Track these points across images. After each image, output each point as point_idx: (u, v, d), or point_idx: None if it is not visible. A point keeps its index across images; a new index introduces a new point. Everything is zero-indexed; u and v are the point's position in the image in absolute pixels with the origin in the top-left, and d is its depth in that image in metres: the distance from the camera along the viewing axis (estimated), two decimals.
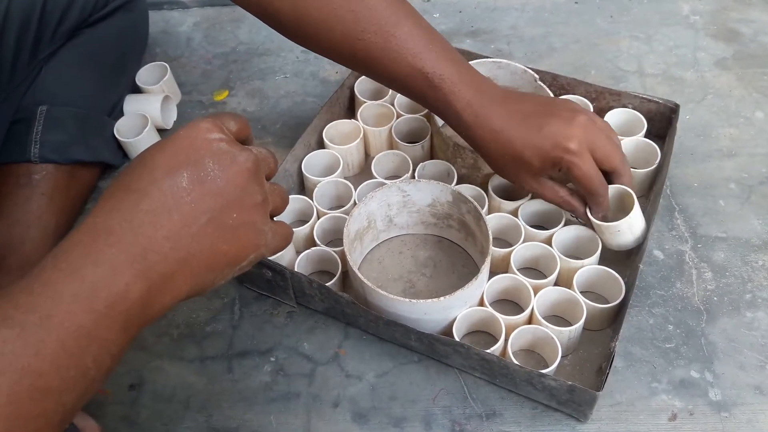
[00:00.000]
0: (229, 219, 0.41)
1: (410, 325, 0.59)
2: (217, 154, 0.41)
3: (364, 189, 0.71)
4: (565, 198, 0.61)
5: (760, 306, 0.65)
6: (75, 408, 0.37)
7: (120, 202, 0.39)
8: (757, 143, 0.78)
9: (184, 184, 0.40)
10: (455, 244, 0.71)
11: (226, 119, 0.44)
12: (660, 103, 0.74)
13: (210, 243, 0.40)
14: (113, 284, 0.37)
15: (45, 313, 0.35)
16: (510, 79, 0.77)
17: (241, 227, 0.42)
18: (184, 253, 0.39)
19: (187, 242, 0.39)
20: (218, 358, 0.65)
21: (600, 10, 0.96)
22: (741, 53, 0.88)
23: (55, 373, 0.35)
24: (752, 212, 0.72)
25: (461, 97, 0.59)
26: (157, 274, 0.38)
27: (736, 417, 0.58)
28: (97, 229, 0.38)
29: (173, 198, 0.39)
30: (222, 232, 0.41)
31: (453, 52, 0.60)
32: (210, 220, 0.40)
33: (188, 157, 0.40)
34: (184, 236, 0.39)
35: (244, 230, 0.42)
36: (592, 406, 0.56)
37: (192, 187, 0.40)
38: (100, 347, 0.37)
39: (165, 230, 0.39)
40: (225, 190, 0.41)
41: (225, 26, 0.99)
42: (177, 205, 0.39)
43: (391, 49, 0.58)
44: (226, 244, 0.41)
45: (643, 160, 0.72)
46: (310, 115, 0.83)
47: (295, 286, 0.65)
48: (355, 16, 0.57)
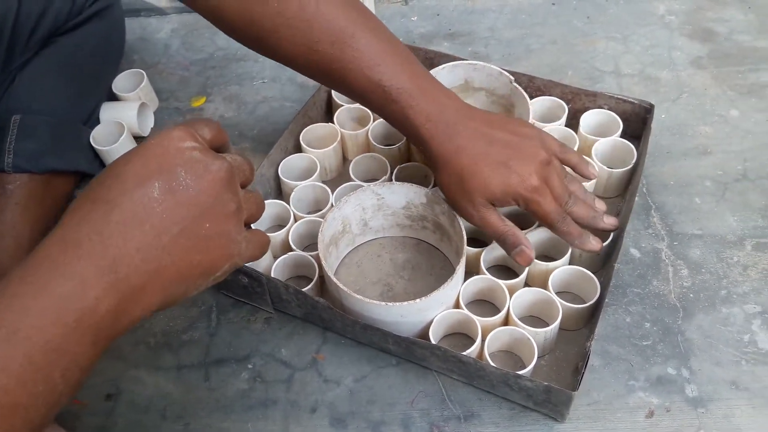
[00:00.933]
0: (201, 229, 0.40)
1: (387, 328, 0.59)
2: (189, 163, 0.40)
3: (340, 192, 0.71)
4: (510, 229, 0.59)
5: (735, 302, 0.65)
6: (43, 423, 0.37)
7: (89, 214, 0.38)
8: (732, 141, 0.78)
9: (155, 194, 0.39)
10: (433, 247, 0.71)
11: (199, 126, 0.43)
12: (635, 103, 0.74)
13: (182, 254, 0.40)
14: (83, 298, 0.36)
15: (12, 328, 0.35)
16: (486, 81, 0.78)
17: (214, 237, 0.41)
18: (156, 265, 0.39)
19: (158, 253, 0.39)
20: (195, 366, 0.65)
21: (576, 12, 0.97)
22: (716, 52, 0.89)
23: (22, 389, 0.35)
24: (727, 209, 0.72)
25: (420, 112, 0.58)
26: (127, 286, 0.38)
27: (712, 412, 0.58)
28: (66, 241, 0.37)
29: (144, 209, 0.38)
30: (194, 243, 0.40)
31: (415, 64, 0.59)
32: (182, 231, 0.39)
33: (160, 167, 0.39)
34: (155, 247, 0.38)
35: (218, 240, 0.41)
36: (568, 406, 0.56)
37: (164, 198, 0.39)
38: (69, 361, 0.36)
39: (136, 242, 0.38)
40: (198, 200, 0.40)
41: (203, 32, 0.99)
42: (148, 215, 0.38)
43: (347, 61, 0.57)
44: (199, 255, 0.40)
45: (620, 160, 0.72)
46: (288, 119, 0.83)
47: (271, 292, 0.64)
48: (309, 26, 0.56)
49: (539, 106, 0.76)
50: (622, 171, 0.70)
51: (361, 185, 0.68)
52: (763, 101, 0.82)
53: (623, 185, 0.72)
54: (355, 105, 0.79)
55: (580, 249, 0.60)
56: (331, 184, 0.73)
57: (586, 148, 0.73)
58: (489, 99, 0.80)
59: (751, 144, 0.78)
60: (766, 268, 0.67)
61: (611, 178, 0.71)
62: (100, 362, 0.65)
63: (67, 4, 0.78)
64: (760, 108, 0.81)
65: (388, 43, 0.59)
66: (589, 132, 0.74)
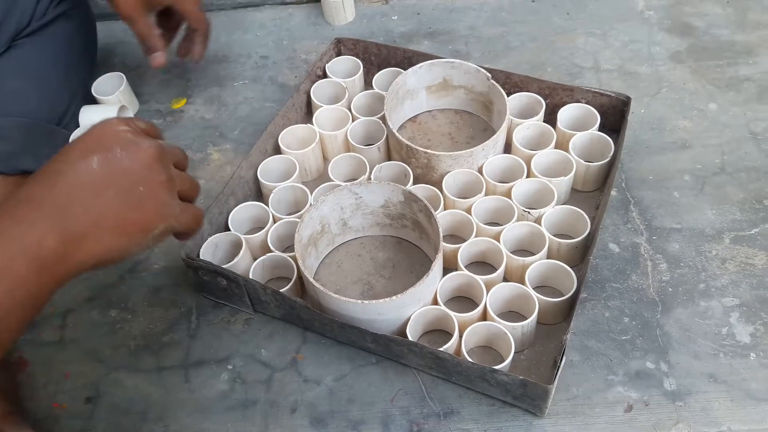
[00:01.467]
0: (135, 191, 0.47)
1: (366, 326, 0.59)
2: (124, 141, 0.48)
3: (319, 193, 0.71)
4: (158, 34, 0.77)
5: (713, 295, 0.65)
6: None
7: (41, 180, 0.46)
8: (711, 135, 0.79)
9: (95, 165, 0.46)
10: (414, 245, 0.71)
11: (135, 120, 0.52)
12: (612, 96, 0.75)
13: (118, 209, 0.46)
14: (29, 235, 0.43)
15: None
16: (464, 78, 0.78)
17: (147, 199, 0.48)
18: (95, 216, 0.45)
19: (98, 209, 0.46)
20: (175, 368, 0.65)
21: (556, 8, 0.97)
22: (694, 46, 0.89)
23: None
24: (706, 203, 0.73)
25: None
26: (69, 231, 0.44)
27: (690, 405, 0.59)
28: (20, 199, 0.44)
29: (86, 175, 0.46)
30: (129, 202, 0.47)
31: None
32: (118, 193, 0.46)
33: (100, 145, 0.47)
34: (95, 205, 0.46)
35: (151, 202, 0.48)
36: (546, 400, 0.56)
37: (101, 168, 0.46)
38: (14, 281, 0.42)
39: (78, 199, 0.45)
40: (131, 169, 0.47)
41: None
42: (89, 181, 0.46)
43: None
44: (134, 212, 0.47)
45: (598, 153, 0.72)
46: (268, 120, 0.83)
47: (250, 294, 0.64)
48: None
49: (517, 102, 0.76)
50: (600, 164, 0.70)
51: (339, 185, 0.68)
52: (741, 95, 0.82)
53: (601, 179, 0.73)
54: (335, 106, 0.79)
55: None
56: (311, 185, 0.73)
57: (564, 142, 0.73)
58: (468, 96, 0.80)
59: (729, 137, 0.78)
60: (744, 261, 0.68)
61: (589, 172, 0.71)
62: (80, 365, 0.65)
63: (30, 6, 0.77)
64: (738, 102, 0.82)
65: None
66: (568, 126, 0.74)
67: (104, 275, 0.72)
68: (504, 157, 0.72)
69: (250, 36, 0.97)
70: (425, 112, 0.83)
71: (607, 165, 0.71)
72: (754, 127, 0.79)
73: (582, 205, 0.69)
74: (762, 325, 0.63)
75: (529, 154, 0.71)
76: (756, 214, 0.71)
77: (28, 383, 0.65)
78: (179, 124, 0.86)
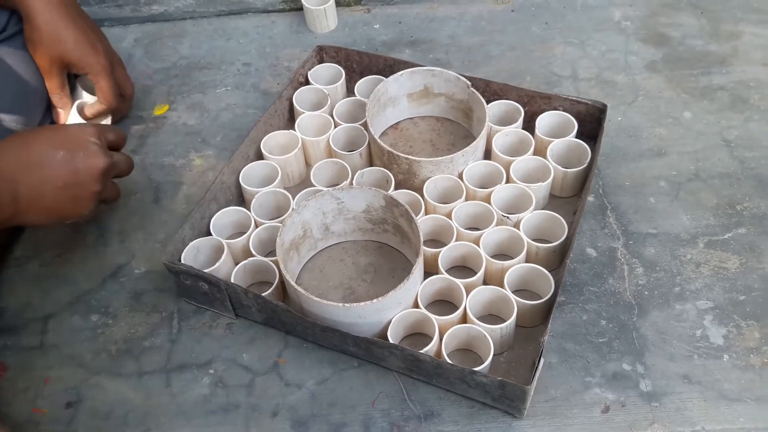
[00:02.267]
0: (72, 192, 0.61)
1: (347, 330, 0.60)
2: (87, 148, 0.62)
3: (301, 198, 0.72)
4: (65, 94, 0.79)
5: (688, 298, 0.67)
6: None
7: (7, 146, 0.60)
8: (686, 142, 0.81)
9: (58, 157, 0.60)
10: (396, 250, 0.72)
11: (108, 130, 0.66)
12: (589, 104, 0.76)
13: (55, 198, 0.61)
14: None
15: None
16: (445, 86, 0.79)
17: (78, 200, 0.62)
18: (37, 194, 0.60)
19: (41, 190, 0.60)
20: (156, 372, 0.65)
21: (535, 18, 0.98)
22: (670, 56, 0.91)
23: None
24: (681, 208, 0.74)
25: None
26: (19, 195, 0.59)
27: (665, 406, 0.60)
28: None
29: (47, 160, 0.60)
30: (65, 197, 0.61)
31: None
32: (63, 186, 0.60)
33: (69, 143, 0.61)
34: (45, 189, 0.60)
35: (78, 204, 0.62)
36: (524, 401, 0.57)
37: (61, 162, 0.60)
38: None
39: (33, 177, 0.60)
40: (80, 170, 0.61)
41: (166, 42, 0.99)
42: (48, 164, 0.60)
43: None
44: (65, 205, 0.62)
45: (575, 160, 0.74)
46: (251, 126, 0.83)
47: (232, 298, 0.65)
48: None
49: (496, 110, 0.77)
50: (577, 170, 0.72)
51: (321, 190, 0.69)
52: (715, 103, 0.84)
53: (579, 185, 0.74)
54: (317, 112, 0.79)
55: None
56: (294, 191, 0.74)
57: (542, 149, 0.74)
58: (448, 104, 0.81)
59: (703, 145, 0.80)
60: (718, 265, 0.69)
61: (566, 178, 0.73)
62: (61, 370, 0.65)
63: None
64: (712, 110, 0.84)
65: None
66: (545, 134, 0.75)
67: (85, 280, 0.72)
68: (484, 164, 0.73)
69: (233, 43, 0.98)
70: (407, 119, 0.84)
71: (584, 171, 0.73)
72: (727, 135, 0.81)
73: (560, 210, 0.70)
74: (735, 327, 0.65)
75: (508, 161, 0.73)
76: (729, 219, 0.73)
77: (7, 388, 0.65)
78: (162, 130, 0.87)
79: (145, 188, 0.80)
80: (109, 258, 0.74)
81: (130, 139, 0.86)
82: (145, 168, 0.82)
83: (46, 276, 0.73)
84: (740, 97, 0.85)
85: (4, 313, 0.70)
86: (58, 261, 0.74)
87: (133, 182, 0.81)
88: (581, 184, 0.74)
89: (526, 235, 0.66)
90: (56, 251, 0.75)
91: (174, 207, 0.78)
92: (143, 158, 0.83)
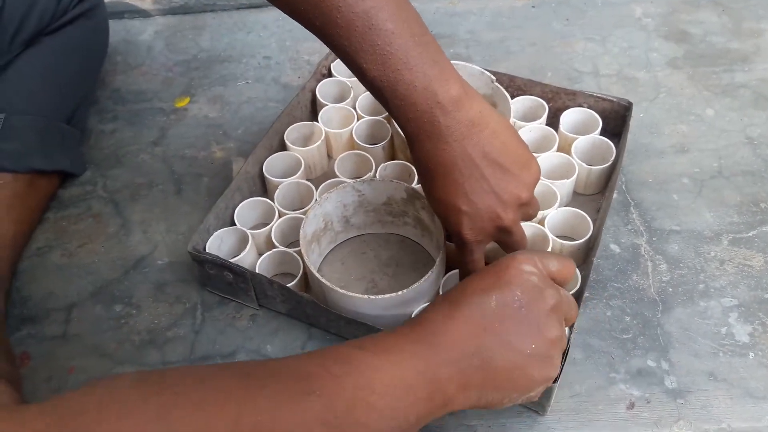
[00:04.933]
0: (527, 348, 0.46)
1: (371, 323, 0.60)
2: (525, 284, 0.47)
3: (324, 189, 0.72)
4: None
5: (712, 295, 0.67)
6: None
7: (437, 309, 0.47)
8: (708, 139, 0.80)
9: (492, 304, 0.46)
10: (417, 244, 0.72)
11: (548, 258, 0.50)
12: (614, 101, 0.76)
13: (504, 363, 0.45)
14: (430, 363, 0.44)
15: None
16: (469, 80, 0.78)
17: (536, 358, 0.46)
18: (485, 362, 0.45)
19: (488, 354, 0.45)
20: (180, 362, 0.65)
21: (556, 14, 0.98)
22: (691, 53, 0.91)
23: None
24: (704, 205, 0.74)
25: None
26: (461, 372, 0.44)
27: (691, 403, 0.60)
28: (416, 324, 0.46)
29: (480, 312, 0.45)
30: (519, 358, 0.45)
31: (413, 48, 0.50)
32: (511, 343, 0.45)
33: (498, 282, 0.46)
34: (487, 347, 0.45)
35: (539, 362, 0.46)
36: (549, 399, 0.57)
37: (498, 310, 0.45)
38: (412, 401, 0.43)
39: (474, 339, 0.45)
40: (527, 319, 0.46)
41: (186, 34, 0.99)
42: (483, 319, 0.45)
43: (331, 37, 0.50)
44: (519, 370, 0.46)
45: (599, 157, 0.73)
46: (272, 120, 0.83)
47: (256, 288, 0.65)
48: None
49: (520, 105, 0.77)
50: (601, 168, 0.72)
51: (343, 182, 0.69)
52: (737, 101, 0.84)
53: (603, 182, 0.74)
54: (340, 105, 0.79)
55: None
56: (316, 182, 0.74)
57: (566, 146, 0.74)
58: None
59: (725, 142, 0.80)
60: (742, 263, 0.69)
61: (591, 176, 0.72)
62: (84, 360, 0.65)
63: (52, 5, 0.78)
64: (734, 107, 0.83)
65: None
66: (569, 130, 0.75)
67: (108, 270, 0.72)
68: None
69: (253, 37, 0.98)
70: None
71: (608, 169, 0.72)
72: (750, 133, 0.81)
73: (584, 207, 0.70)
74: (760, 325, 0.64)
75: None
76: (753, 217, 0.72)
77: (30, 377, 0.65)
78: (183, 122, 0.87)
79: (167, 180, 0.80)
80: (132, 248, 0.74)
81: (150, 131, 0.86)
82: (167, 159, 0.82)
83: (69, 266, 0.73)
84: (763, 95, 0.85)
85: (27, 303, 0.70)
86: (81, 251, 0.74)
87: (155, 173, 0.81)
88: (605, 181, 0.74)
89: (551, 232, 0.66)
90: (79, 241, 0.75)
91: (196, 199, 0.78)
92: (165, 150, 0.83)
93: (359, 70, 0.50)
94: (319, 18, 0.49)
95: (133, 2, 1.00)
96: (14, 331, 0.68)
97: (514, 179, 0.53)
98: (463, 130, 0.51)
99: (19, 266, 0.73)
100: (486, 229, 0.54)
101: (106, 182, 0.80)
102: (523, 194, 0.53)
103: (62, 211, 0.78)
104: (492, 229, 0.54)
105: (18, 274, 0.72)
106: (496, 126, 0.53)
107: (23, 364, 0.66)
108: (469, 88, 0.53)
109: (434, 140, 0.51)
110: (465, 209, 0.53)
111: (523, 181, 0.53)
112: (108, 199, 0.79)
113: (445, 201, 0.54)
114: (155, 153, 0.83)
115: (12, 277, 0.71)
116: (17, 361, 0.65)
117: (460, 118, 0.51)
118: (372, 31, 0.48)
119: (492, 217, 0.53)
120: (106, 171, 0.82)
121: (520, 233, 0.56)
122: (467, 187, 0.52)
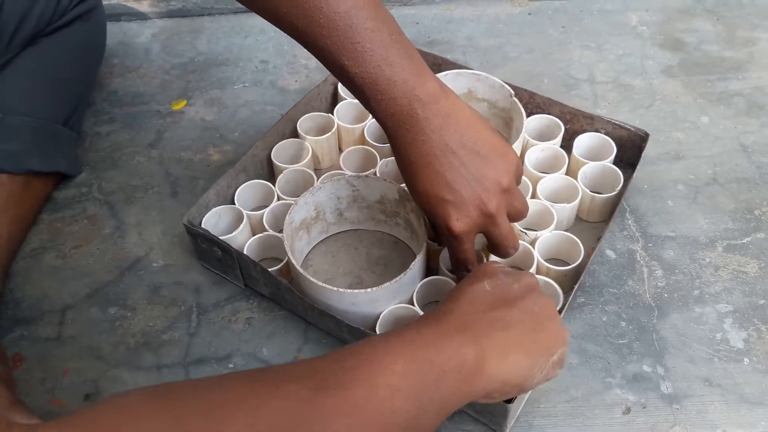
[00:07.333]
0: (534, 307, 0.50)
1: (342, 317, 0.60)
2: (505, 273, 0.52)
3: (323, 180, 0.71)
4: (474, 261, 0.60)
5: (707, 301, 0.67)
6: None
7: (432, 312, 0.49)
8: (703, 146, 0.81)
9: (486, 288, 0.50)
10: (410, 247, 0.72)
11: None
12: (631, 130, 0.74)
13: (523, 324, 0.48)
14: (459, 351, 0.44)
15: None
16: (489, 92, 0.76)
17: (546, 319, 0.50)
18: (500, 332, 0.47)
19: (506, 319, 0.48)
20: (175, 365, 0.64)
21: (552, 22, 0.99)
22: (686, 61, 0.92)
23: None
24: (699, 212, 0.74)
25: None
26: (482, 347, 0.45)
27: (686, 408, 0.60)
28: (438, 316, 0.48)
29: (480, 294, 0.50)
30: (532, 318, 0.49)
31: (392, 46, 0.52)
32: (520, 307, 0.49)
33: (480, 278, 0.51)
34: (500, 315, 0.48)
35: (550, 323, 0.50)
36: (506, 418, 0.56)
37: (493, 290, 0.50)
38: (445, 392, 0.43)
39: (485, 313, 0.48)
40: (518, 291, 0.51)
41: (183, 37, 0.99)
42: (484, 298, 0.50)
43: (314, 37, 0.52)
44: (535, 333, 0.49)
45: (608, 186, 0.72)
46: (269, 123, 0.83)
47: (242, 267, 0.66)
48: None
49: (537, 123, 0.77)
50: (605, 197, 0.70)
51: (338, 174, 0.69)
52: (731, 109, 0.85)
53: (608, 211, 0.72)
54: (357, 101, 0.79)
55: None
56: (323, 173, 0.75)
57: (576, 170, 0.73)
58: (490, 111, 0.78)
59: (720, 149, 0.80)
60: (737, 269, 0.69)
61: (594, 203, 0.71)
62: (79, 362, 0.65)
63: (50, 6, 0.78)
64: (728, 115, 0.84)
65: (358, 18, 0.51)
66: (583, 154, 0.74)
67: (103, 272, 0.72)
68: None
69: (250, 40, 0.98)
70: None
71: (613, 198, 0.71)
72: (744, 140, 0.81)
73: (583, 234, 0.68)
74: (755, 331, 0.65)
75: (537, 176, 0.72)
76: (747, 224, 0.73)
77: (24, 379, 0.64)
78: (179, 125, 0.87)
79: (163, 182, 0.80)
80: (127, 251, 0.74)
81: (147, 133, 0.86)
82: (163, 162, 0.82)
83: (63, 268, 0.73)
84: (756, 103, 0.85)
85: (21, 304, 0.70)
86: (76, 253, 0.74)
87: (151, 176, 0.80)
88: (610, 210, 0.72)
89: (541, 255, 0.66)
90: (73, 243, 0.75)
91: (192, 201, 0.78)
92: (161, 152, 0.83)
93: (340, 69, 0.52)
94: (302, 19, 0.51)
95: (131, 5, 1.00)
96: (7, 332, 0.67)
97: (492, 166, 0.55)
98: (440, 121, 0.53)
99: (13, 267, 0.72)
100: (473, 217, 0.55)
101: (101, 184, 0.80)
102: (503, 180, 0.55)
103: (57, 212, 0.78)
104: (478, 216, 0.55)
105: (12, 275, 0.72)
106: (470, 117, 0.55)
107: (16, 366, 0.65)
108: (442, 83, 0.55)
109: (413, 132, 0.53)
110: (449, 198, 0.54)
111: (502, 167, 0.55)
112: (103, 201, 0.78)
113: (429, 193, 0.55)
114: (151, 155, 0.83)
115: (5, 278, 0.70)
116: (9, 362, 0.64)
117: (436, 110, 0.53)
118: (353, 29, 0.50)
119: (477, 204, 0.54)
120: (101, 173, 0.81)
121: (507, 227, 0.58)
122: (449, 177, 0.54)
